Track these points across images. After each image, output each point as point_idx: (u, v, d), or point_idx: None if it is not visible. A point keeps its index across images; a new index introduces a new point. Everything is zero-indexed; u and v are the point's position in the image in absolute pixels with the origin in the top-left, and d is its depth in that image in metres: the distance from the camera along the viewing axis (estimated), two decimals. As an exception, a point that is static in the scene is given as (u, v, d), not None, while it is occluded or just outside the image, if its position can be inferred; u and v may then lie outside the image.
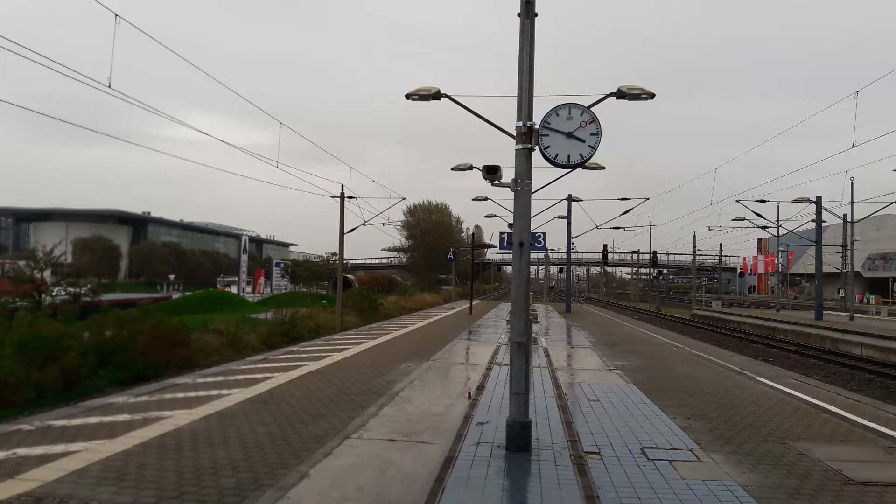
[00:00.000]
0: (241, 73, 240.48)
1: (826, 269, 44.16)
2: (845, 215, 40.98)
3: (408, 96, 9.68)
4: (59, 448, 6.81)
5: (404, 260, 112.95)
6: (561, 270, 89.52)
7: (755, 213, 40.43)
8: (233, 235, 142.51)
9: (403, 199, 39.13)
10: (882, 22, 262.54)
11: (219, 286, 77.72)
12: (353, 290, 51.12)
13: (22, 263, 22.20)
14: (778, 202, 43.23)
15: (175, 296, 62.66)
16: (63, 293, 21.67)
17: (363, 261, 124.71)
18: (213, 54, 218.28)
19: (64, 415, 8.57)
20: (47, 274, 21.41)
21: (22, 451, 6.67)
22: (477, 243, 68.65)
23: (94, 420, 8.21)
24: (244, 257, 70.88)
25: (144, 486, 5.67)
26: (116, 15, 13.84)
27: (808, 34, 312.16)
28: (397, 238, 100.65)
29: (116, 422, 8.12)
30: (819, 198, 37.67)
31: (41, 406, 12.42)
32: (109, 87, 14.06)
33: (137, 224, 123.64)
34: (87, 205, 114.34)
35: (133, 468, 6.19)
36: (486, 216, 48.00)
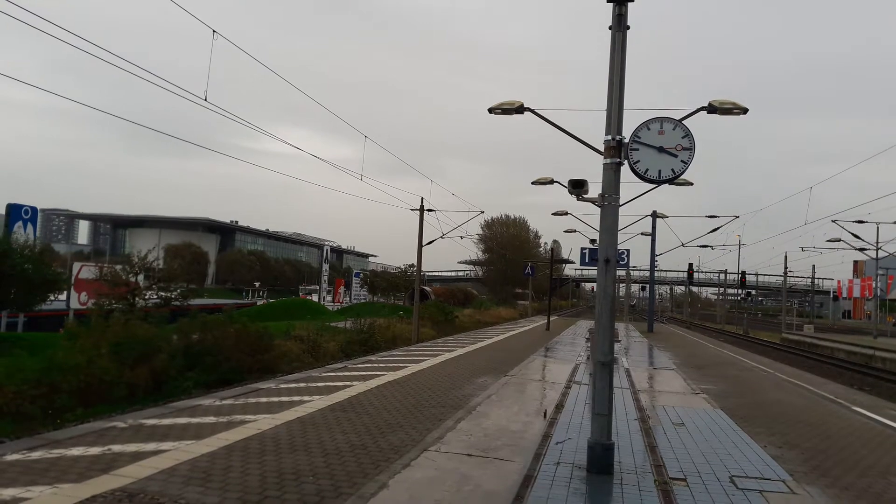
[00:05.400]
0: (330, 89, 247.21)
1: (930, 294, 41.48)
2: (952, 238, 38.44)
3: (491, 110, 9.67)
4: (151, 446, 7.06)
5: (480, 273, 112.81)
6: (643, 289, 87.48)
7: (852, 234, 38.61)
8: (315, 245, 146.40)
9: (482, 212, 38.91)
10: None
11: (301, 294, 79.77)
12: (429, 302, 51.45)
13: (118, 267, 23.23)
14: (877, 223, 40.94)
15: (259, 302, 64.62)
16: (155, 297, 22.53)
17: (440, 273, 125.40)
18: (303, 71, 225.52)
19: (154, 414, 8.91)
20: (141, 278, 22.31)
21: (116, 448, 6.95)
22: (555, 258, 67.94)
23: (182, 421, 8.49)
24: (326, 267, 72.56)
25: (229, 489, 5.80)
26: (214, 31, 14.43)
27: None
28: (474, 251, 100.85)
29: (203, 423, 8.38)
30: (923, 219, 35.43)
31: (132, 404, 12.98)
32: (205, 100, 14.65)
33: (225, 232, 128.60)
34: (178, 213, 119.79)
35: (218, 470, 6.35)
36: (565, 231, 46.95)
